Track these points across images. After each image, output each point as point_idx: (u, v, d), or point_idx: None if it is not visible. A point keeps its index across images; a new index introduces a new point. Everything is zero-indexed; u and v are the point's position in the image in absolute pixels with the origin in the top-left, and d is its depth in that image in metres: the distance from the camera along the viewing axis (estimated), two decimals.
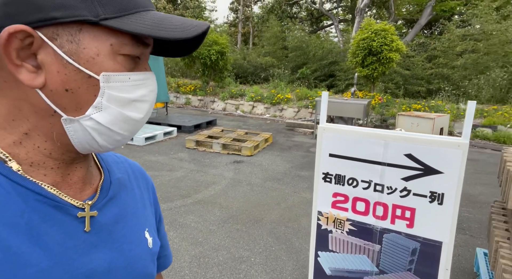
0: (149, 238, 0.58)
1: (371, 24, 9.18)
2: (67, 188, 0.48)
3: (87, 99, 0.43)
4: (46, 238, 0.43)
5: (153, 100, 0.50)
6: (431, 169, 1.50)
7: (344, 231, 1.79)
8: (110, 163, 0.59)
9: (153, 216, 0.65)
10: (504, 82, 9.70)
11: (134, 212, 0.57)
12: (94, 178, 0.54)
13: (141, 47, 0.46)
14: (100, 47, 0.42)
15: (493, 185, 4.76)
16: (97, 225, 0.49)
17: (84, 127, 0.44)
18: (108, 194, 0.53)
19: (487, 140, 7.50)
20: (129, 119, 0.46)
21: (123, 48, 0.44)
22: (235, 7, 23.64)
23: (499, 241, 2.02)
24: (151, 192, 0.67)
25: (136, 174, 0.64)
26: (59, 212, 0.45)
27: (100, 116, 0.44)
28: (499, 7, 12.15)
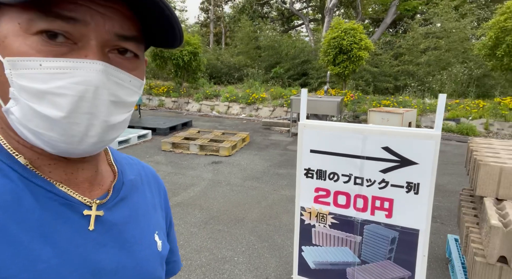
0: (158, 241, 0.58)
1: (340, 24, 9.43)
2: (75, 186, 0.47)
3: (6, 89, 0.39)
4: (56, 236, 0.42)
5: (84, 95, 0.39)
6: (407, 160, 1.57)
7: (326, 225, 1.83)
8: (124, 165, 0.58)
9: (164, 220, 0.64)
10: (465, 77, 10.30)
11: (144, 214, 0.57)
12: (104, 179, 0.53)
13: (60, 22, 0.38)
14: (9, 28, 0.38)
15: (459, 174, 5.05)
16: (107, 225, 0.48)
17: (12, 121, 0.40)
18: (119, 195, 0.53)
19: (452, 132, 7.93)
20: (43, 116, 0.38)
21: (32, 25, 0.37)
22: (205, 7, 23.44)
23: (469, 227, 2.15)
24: (163, 196, 0.66)
25: (148, 176, 0.64)
26: (69, 210, 0.45)
27: (16, 110, 0.39)
28: (457, 6, 12.87)
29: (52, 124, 0.39)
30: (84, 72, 0.39)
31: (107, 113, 0.42)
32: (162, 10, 0.42)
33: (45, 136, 0.40)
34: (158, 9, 0.42)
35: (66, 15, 0.38)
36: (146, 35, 0.47)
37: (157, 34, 0.47)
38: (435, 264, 2.78)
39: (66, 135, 0.40)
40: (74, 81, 0.38)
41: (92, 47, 0.40)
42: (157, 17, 0.43)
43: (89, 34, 0.39)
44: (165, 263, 0.61)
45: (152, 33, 0.47)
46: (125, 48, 0.43)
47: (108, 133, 0.43)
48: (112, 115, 0.43)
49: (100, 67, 0.40)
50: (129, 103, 0.46)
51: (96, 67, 0.39)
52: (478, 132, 7.80)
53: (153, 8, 0.41)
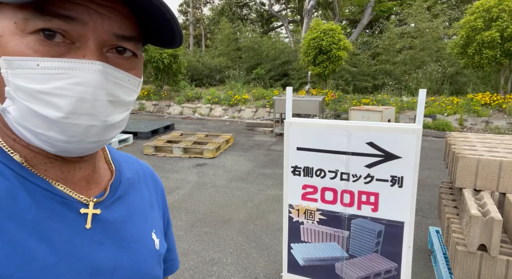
0: (156, 239, 0.57)
1: (319, 24, 9.58)
2: (71, 185, 0.47)
3: (2, 89, 0.39)
4: (52, 234, 0.42)
5: (83, 96, 0.39)
6: (391, 154, 1.62)
7: (314, 221, 1.85)
8: (121, 163, 0.58)
9: (161, 219, 0.64)
10: (439, 75, 10.68)
11: (141, 213, 0.56)
12: (102, 177, 0.52)
13: (57, 21, 0.37)
14: (5, 27, 0.37)
15: (438, 168, 5.23)
16: (104, 223, 0.48)
17: (10, 121, 0.40)
18: (116, 193, 0.52)
19: (428, 128, 8.20)
20: (41, 116, 0.38)
21: (28, 24, 0.37)
22: (184, 9, 23.25)
23: (450, 218, 2.23)
24: (160, 194, 0.66)
25: (146, 175, 0.63)
26: (65, 208, 0.44)
27: (13, 110, 0.39)
28: (429, 6, 13.35)
29: (50, 124, 0.39)
30: (83, 73, 0.39)
31: (106, 114, 0.42)
32: (163, 14, 0.42)
33: (43, 136, 0.39)
34: (159, 12, 0.42)
35: (63, 13, 0.37)
36: (144, 33, 0.47)
37: (156, 33, 0.47)
38: (418, 255, 2.86)
39: (65, 135, 0.40)
40: (73, 82, 0.38)
41: (90, 47, 0.39)
42: (157, 19, 0.43)
43: (87, 34, 0.39)
44: (163, 261, 0.60)
45: (150, 31, 0.47)
46: (124, 48, 0.43)
47: (107, 133, 0.43)
48: (111, 115, 0.43)
49: (98, 68, 0.39)
50: (127, 102, 0.46)
51: (95, 68, 0.39)
52: (454, 128, 8.10)
53: (154, 11, 0.42)
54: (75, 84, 0.38)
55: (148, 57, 10.72)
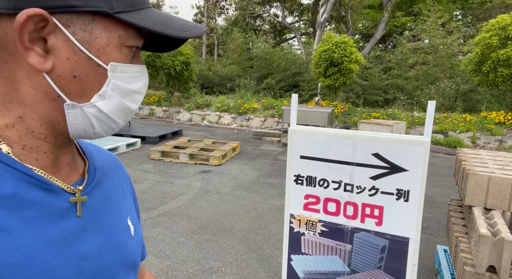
0: (131, 226, 0.59)
1: (331, 37, 9.60)
2: (56, 172, 0.48)
3: (92, 87, 0.45)
4: (38, 220, 0.43)
5: (145, 92, 0.52)
6: (397, 167, 1.57)
7: (316, 233, 1.80)
8: (91, 151, 0.60)
9: (133, 206, 0.65)
10: (452, 92, 10.54)
11: (116, 199, 0.58)
12: (79, 164, 0.54)
13: (141, 42, 0.49)
14: (110, 38, 0.44)
15: (448, 186, 5.09)
16: (86, 209, 0.50)
17: (85, 114, 0.45)
18: (94, 179, 0.54)
19: (440, 144, 8.05)
20: (127, 109, 0.49)
21: (129, 40, 0.46)
22: (199, 19, 23.67)
23: (458, 236, 2.14)
24: (129, 183, 0.68)
25: (115, 163, 0.65)
26: (50, 195, 0.45)
27: (103, 104, 0.46)
28: (444, 23, 13.29)
29: (127, 114, 0.50)
30: (146, 75, 0.52)
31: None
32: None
33: (116, 124, 0.49)
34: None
35: (145, 35, 0.49)
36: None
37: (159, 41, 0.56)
38: (425, 275, 2.75)
39: (125, 121, 0.51)
40: (145, 82, 0.51)
41: (139, 55, 0.51)
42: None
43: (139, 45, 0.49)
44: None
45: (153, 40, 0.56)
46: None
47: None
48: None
49: (147, 70, 0.53)
50: None
51: (146, 71, 0.53)
52: (466, 146, 7.93)
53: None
54: (145, 84, 0.51)
55: (161, 64, 10.88)
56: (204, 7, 21.07)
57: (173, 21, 0.48)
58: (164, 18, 0.47)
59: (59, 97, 0.43)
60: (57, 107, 0.44)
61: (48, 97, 0.43)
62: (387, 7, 15.92)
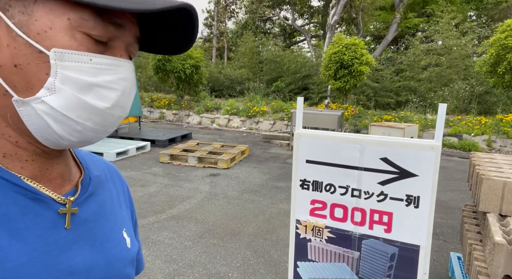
0: (127, 238, 0.56)
1: (341, 39, 9.51)
2: (46, 182, 0.46)
3: (38, 78, 0.39)
4: (25, 232, 0.40)
5: (126, 90, 0.44)
6: (406, 172, 1.51)
7: (323, 239, 1.75)
8: (87, 161, 0.57)
9: (130, 218, 0.63)
10: (466, 94, 10.29)
11: (112, 211, 0.56)
12: (73, 174, 0.51)
13: (111, 28, 0.41)
14: (55, 20, 0.38)
15: (462, 190, 4.94)
16: (77, 221, 0.47)
17: (36, 112, 0.39)
18: (88, 190, 0.51)
19: (454, 148, 7.85)
20: (89, 107, 0.41)
21: (84, 24, 0.39)
22: (209, 23, 23.87)
23: (472, 244, 2.06)
24: (127, 194, 0.66)
25: (112, 173, 0.63)
26: (39, 205, 0.43)
27: (53, 100, 0.39)
28: (457, 24, 13.03)
29: (93, 114, 0.41)
30: (125, 70, 0.44)
31: (129, 108, 0.47)
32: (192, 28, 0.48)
33: (80, 126, 0.41)
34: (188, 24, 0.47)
35: (117, 22, 0.42)
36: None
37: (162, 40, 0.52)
38: None
39: (100, 125, 0.43)
40: (120, 77, 0.43)
41: (122, 48, 0.44)
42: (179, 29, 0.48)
43: (121, 37, 0.44)
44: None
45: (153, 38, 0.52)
46: (133, 52, 0.48)
47: (118, 124, 0.47)
48: (129, 109, 0.48)
49: (132, 67, 0.46)
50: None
51: (131, 66, 0.46)
52: (481, 149, 7.71)
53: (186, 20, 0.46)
54: (121, 80, 0.43)
55: (171, 68, 10.98)
56: (214, 11, 21.23)
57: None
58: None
59: (7, 92, 0.39)
60: (9, 105, 0.40)
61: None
62: (399, 8, 15.72)
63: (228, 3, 22.05)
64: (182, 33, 0.49)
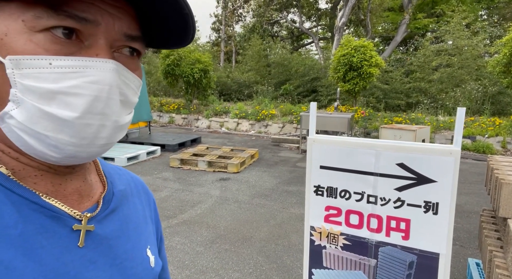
0: (151, 256, 0.54)
1: (350, 41, 9.45)
2: (62, 198, 0.43)
3: (5, 91, 0.36)
4: (41, 252, 0.39)
5: (99, 94, 0.38)
6: (424, 177, 1.47)
7: (338, 246, 1.72)
8: (113, 175, 0.55)
9: (155, 234, 0.60)
10: (479, 95, 10.10)
11: (136, 227, 0.53)
12: (94, 190, 0.49)
13: (71, 21, 0.36)
14: (10, 25, 0.35)
15: (477, 194, 4.83)
16: (96, 239, 0.45)
17: (11, 127, 0.37)
18: (109, 206, 0.49)
19: (467, 150, 7.69)
20: (54, 117, 0.36)
21: (38, 23, 0.35)
22: (217, 27, 24.04)
23: (493, 251, 2.00)
24: (153, 208, 0.62)
25: (138, 187, 0.60)
26: (56, 223, 0.41)
27: (18, 114, 0.36)
28: (469, 24, 12.82)
29: (62, 126, 0.37)
30: (98, 71, 0.38)
31: (117, 113, 0.41)
32: (181, 10, 0.41)
33: (52, 140, 0.37)
34: (176, 10, 0.41)
35: (78, 15, 0.36)
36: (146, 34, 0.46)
37: (161, 33, 0.47)
38: None
39: (76, 137, 0.38)
40: (89, 81, 0.37)
41: (102, 46, 0.39)
42: (169, 17, 0.43)
43: (98, 34, 0.38)
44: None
45: (154, 32, 0.46)
46: (133, 48, 0.43)
47: (115, 135, 0.42)
48: (121, 116, 0.42)
49: (112, 66, 0.39)
50: (133, 103, 0.45)
51: (109, 66, 0.39)
52: (496, 151, 7.54)
53: (170, 8, 0.41)
54: (91, 83, 0.37)
55: (180, 72, 11.06)
56: (222, 15, 21.37)
57: None
58: None
59: None
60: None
61: None
62: (408, 9, 15.57)
63: (235, 7, 22.18)
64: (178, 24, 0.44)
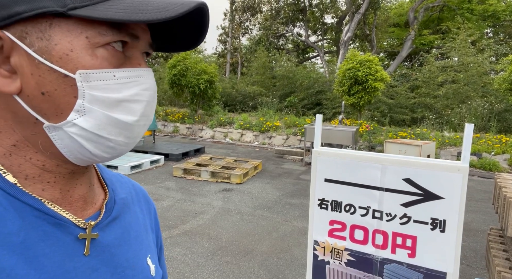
0: (151, 265, 0.54)
1: (355, 55, 9.52)
2: (67, 205, 0.44)
3: (67, 103, 0.38)
4: (43, 259, 0.39)
5: (150, 99, 0.44)
6: (431, 194, 1.44)
7: (342, 262, 1.68)
8: (114, 182, 0.55)
9: (155, 243, 0.60)
10: (485, 111, 10.05)
11: (137, 236, 0.53)
12: (96, 197, 0.50)
13: (127, 38, 0.40)
14: (74, 41, 0.37)
15: (484, 212, 4.74)
16: (98, 247, 0.45)
17: (69, 135, 0.39)
18: (111, 214, 0.49)
19: (473, 167, 7.61)
20: (119, 122, 0.41)
21: (102, 39, 0.38)
22: (223, 39, 24.37)
23: (501, 271, 1.94)
24: (153, 217, 0.63)
25: (139, 196, 0.60)
26: (59, 230, 0.41)
27: (83, 121, 0.39)
28: (474, 41, 12.88)
29: (123, 129, 0.41)
30: (147, 79, 0.43)
31: (153, 114, 0.46)
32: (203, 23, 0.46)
33: (112, 142, 0.41)
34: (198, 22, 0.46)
35: (131, 32, 0.41)
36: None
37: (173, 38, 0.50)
38: None
39: (130, 137, 0.43)
40: (143, 88, 0.42)
41: (140, 57, 0.43)
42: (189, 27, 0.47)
43: (138, 46, 0.43)
44: None
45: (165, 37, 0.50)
46: (149, 54, 0.47)
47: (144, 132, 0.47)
48: (152, 116, 0.46)
49: (152, 74, 0.45)
50: None
51: (151, 75, 0.45)
52: (502, 168, 7.45)
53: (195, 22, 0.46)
54: (145, 90, 0.43)
55: (186, 83, 11.16)
56: (229, 27, 21.70)
57: (147, 4, 0.39)
58: (136, 2, 0.38)
59: (38, 120, 0.39)
60: (40, 132, 0.40)
61: (29, 122, 0.39)
62: (413, 25, 15.72)
63: (242, 20, 22.53)
64: (193, 29, 0.47)
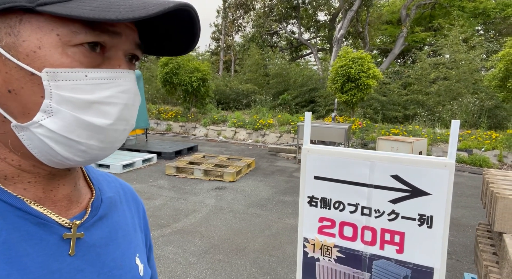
0: (140, 264, 0.53)
1: (348, 53, 9.55)
2: (51, 205, 0.43)
3: (34, 102, 0.37)
4: (26, 260, 0.38)
5: (128, 102, 0.41)
6: (419, 190, 1.46)
7: (331, 259, 1.68)
8: (101, 181, 0.54)
9: (143, 242, 0.59)
10: (476, 108, 10.17)
11: (125, 235, 0.52)
12: (82, 196, 0.49)
13: (105, 36, 0.38)
14: (43, 38, 0.36)
15: (474, 207, 4.81)
16: (84, 246, 0.44)
17: (37, 136, 0.38)
18: (98, 213, 0.48)
19: (464, 163, 7.70)
20: (90, 125, 0.38)
21: (75, 37, 0.37)
22: (216, 36, 24.24)
23: (488, 265, 1.97)
24: (142, 216, 0.62)
25: (127, 195, 0.59)
26: (43, 230, 0.40)
27: (51, 123, 0.37)
28: (466, 38, 13.00)
29: (95, 132, 0.39)
30: (125, 81, 0.41)
31: (134, 118, 0.44)
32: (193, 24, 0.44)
33: (83, 145, 0.39)
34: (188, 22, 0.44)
35: (111, 30, 0.39)
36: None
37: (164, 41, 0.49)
38: None
39: (105, 142, 0.41)
40: (120, 90, 0.40)
41: (121, 57, 0.41)
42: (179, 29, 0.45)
43: (119, 46, 0.41)
44: None
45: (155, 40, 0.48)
46: (137, 56, 0.45)
47: (125, 137, 0.45)
48: (134, 119, 0.45)
49: (133, 76, 0.43)
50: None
51: (131, 76, 0.43)
52: (492, 164, 7.55)
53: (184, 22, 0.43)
54: (122, 92, 0.40)
55: (178, 81, 11.09)
56: (222, 25, 21.60)
57: (121, 3, 0.37)
58: (110, 1, 0.37)
59: (6, 118, 0.37)
60: (9, 131, 0.38)
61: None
62: (405, 22, 15.81)
63: (235, 17, 22.43)
64: (184, 34, 0.46)
